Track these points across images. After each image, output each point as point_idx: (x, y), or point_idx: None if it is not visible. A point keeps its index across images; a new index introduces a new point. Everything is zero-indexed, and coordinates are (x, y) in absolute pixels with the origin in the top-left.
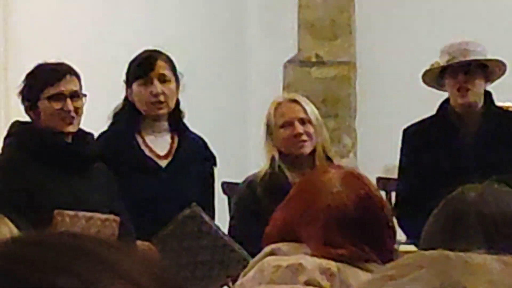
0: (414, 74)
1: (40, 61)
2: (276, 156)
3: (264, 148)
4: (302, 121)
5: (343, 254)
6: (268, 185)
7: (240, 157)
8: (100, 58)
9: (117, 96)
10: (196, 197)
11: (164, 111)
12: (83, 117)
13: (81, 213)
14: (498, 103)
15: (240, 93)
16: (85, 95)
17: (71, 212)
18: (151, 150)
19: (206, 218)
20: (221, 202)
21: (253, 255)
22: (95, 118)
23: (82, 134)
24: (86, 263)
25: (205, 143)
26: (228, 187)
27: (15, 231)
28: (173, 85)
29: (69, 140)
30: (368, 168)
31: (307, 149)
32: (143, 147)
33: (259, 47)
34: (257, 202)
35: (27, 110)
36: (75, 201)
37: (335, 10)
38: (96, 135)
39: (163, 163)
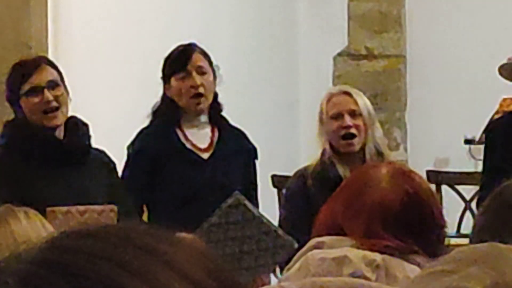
0: (464, 67)
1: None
2: (328, 149)
3: (317, 139)
4: (353, 114)
5: (388, 246)
6: (319, 177)
7: (290, 150)
8: (138, 55)
9: (153, 93)
10: (239, 188)
11: (204, 104)
12: (123, 114)
13: (73, 208)
14: None
15: (290, 86)
16: (65, 86)
17: (63, 209)
18: (192, 143)
19: (250, 206)
20: (271, 195)
21: (303, 247)
22: (131, 115)
23: (75, 126)
24: (138, 255)
25: (245, 136)
26: (278, 180)
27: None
28: (211, 77)
29: (61, 132)
30: (418, 161)
31: (355, 147)
32: (184, 140)
33: (309, 40)
34: (308, 194)
35: (15, 113)
36: (69, 194)
37: (385, 2)
38: (134, 132)
39: (205, 155)
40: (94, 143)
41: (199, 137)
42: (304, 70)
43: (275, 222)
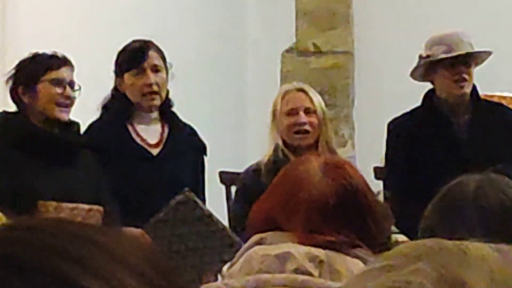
0: (411, 65)
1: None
2: (281, 144)
3: (269, 135)
4: (307, 111)
5: (330, 241)
6: (273, 171)
7: (238, 147)
8: (89, 48)
9: (106, 86)
10: (188, 185)
11: (157, 101)
12: (74, 107)
13: (64, 204)
14: (486, 93)
15: (238, 82)
16: (79, 88)
17: (55, 203)
18: (142, 139)
19: (199, 203)
20: (219, 191)
21: None
22: (83, 108)
23: (69, 123)
24: (84, 247)
25: (195, 132)
26: (225, 177)
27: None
28: (164, 75)
29: (56, 129)
30: (365, 158)
31: (309, 140)
32: (134, 136)
33: (257, 36)
34: (262, 188)
35: (19, 94)
36: (61, 191)
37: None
38: (84, 125)
39: (155, 151)
40: None
41: (149, 133)
42: (252, 67)
43: (223, 219)
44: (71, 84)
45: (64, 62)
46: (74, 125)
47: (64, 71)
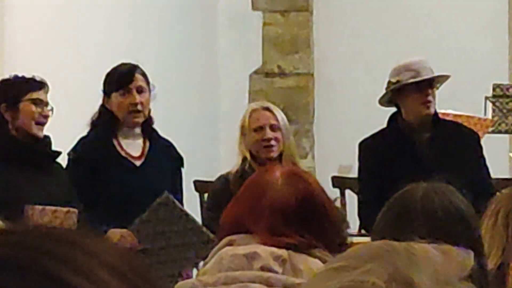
0: (365, 84)
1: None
2: (248, 157)
3: (238, 148)
4: (272, 128)
5: (290, 243)
6: (240, 181)
7: (211, 158)
8: (77, 70)
9: (91, 104)
10: (168, 189)
11: (140, 119)
12: (64, 123)
13: (47, 208)
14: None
15: (211, 100)
16: (52, 108)
17: (40, 207)
18: (126, 152)
19: (177, 204)
20: (194, 198)
21: None
22: (73, 123)
23: (43, 137)
24: (67, 249)
25: (173, 146)
26: (199, 185)
27: None
28: (147, 95)
29: (33, 143)
30: (324, 168)
31: (274, 154)
32: (119, 149)
33: (228, 60)
34: (231, 195)
35: (1, 111)
36: (41, 196)
37: (295, 26)
38: (74, 139)
39: (138, 163)
40: None
41: (133, 146)
42: (223, 87)
43: (199, 221)
44: (47, 104)
45: (42, 85)
46: (46, 138)
47: (42, 93)
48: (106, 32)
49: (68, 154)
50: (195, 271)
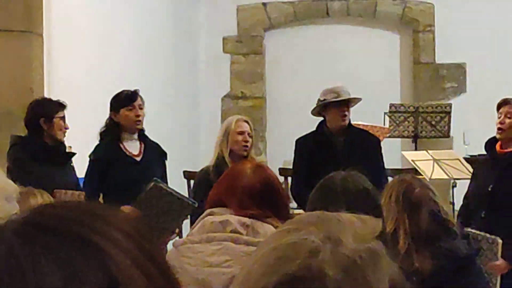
0: (301, 103)
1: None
2: (226, 153)
3: (220, 145)
4: (249, 135)
5: (253, 213)
6: (217, 171)
7: (194, 155)
8: (100, 94)
9: (101, 119)
10: (158, 177)
11: (140, 127)
12: (86, 134)
13: (69, 191)
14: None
15: (194, 116)
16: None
17: (63, 191)
18: (129, 152)
19: (164, 185)
20: (183, 184)
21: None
22: (90, 134)
23: (63, 143)
24: (91, 217)
25: (158, 145)
26: (187, 174)
27: (46, 199)
28: (143, 111)
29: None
30: (273, 162)
31: (247, 152)
32: (124, 150)
33: (206, 88)
34: (210, 183)
35: (41, 123)
36: (62, 182)
37: (253, 64)
38: (92, 145)
39: (138, 158)
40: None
41: (133, 147)
42: (203, 106)
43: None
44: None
45: (64, 106)
46: (63, 144)
47: (64, 112)
48: (123, 69)
49: (89, 156)
50: (185, 233)
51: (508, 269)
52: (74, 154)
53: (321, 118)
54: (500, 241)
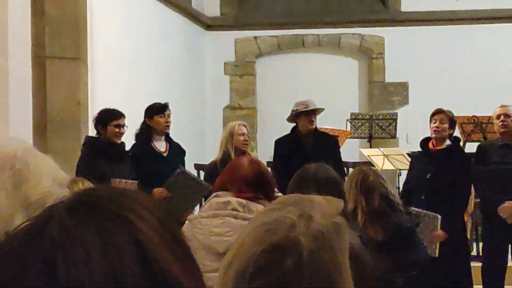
0: (284, 114)
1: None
2: (231, 150)
3: (225, 144)
4: (247, 135)
5: (248, 196)
6: (223, 164)
7: (201, 151)
8: (137, 108)
9: (137, 123)
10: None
11: (168, 130)
12: (129, 134)
13: (123, 180)
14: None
15: (202, 122)
16: (127, 127)
17: (117, 180)
18: (158, 149)
19: (187, 170)
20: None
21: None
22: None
23: (120, 143)
24: (129, 200)
25: (179, 145)
26: (197, 166)
27: (86, 186)
28: (171, 118)
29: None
30: (264, 157)
31: (246, 148)
32: (154, 147)
33: (211, 101)
34: (217, 173)
35: (99, 129)
36: (121, 174)
37: (247, 83)
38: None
39: (164, 154)
40: None
41: (161, 146)
42: (209, 115)
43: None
44: (123, 126)
45: (121, 114)
46: (122, 143)
47: (122, 120)
48: (148, 87)
49: (128, 151)
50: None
51: (445, 238)
52: (127, 152)
53: (294, 124)
54: (439, 216)
